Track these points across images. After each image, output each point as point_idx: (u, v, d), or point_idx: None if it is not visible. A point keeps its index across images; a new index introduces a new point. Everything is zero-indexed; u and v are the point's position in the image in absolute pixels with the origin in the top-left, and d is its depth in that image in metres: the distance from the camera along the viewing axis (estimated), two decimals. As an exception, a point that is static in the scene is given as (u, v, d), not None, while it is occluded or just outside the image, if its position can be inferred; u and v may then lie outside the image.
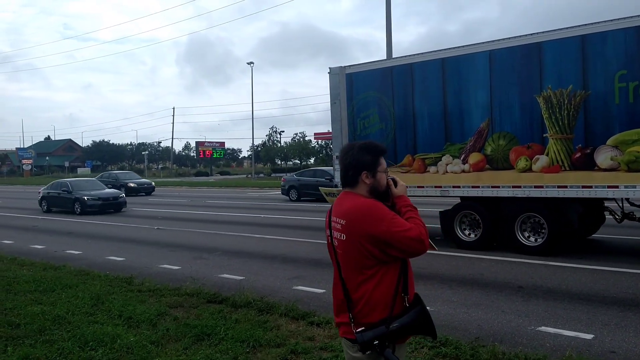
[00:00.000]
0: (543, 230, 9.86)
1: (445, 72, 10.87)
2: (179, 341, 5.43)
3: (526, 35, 9.96)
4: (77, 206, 21.41)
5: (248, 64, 58.18)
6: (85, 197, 21.32)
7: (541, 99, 9.61)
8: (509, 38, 10.16)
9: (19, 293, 7.52)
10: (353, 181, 2.71)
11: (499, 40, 10.31)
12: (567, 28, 9.49)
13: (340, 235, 2.66)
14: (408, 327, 2.57)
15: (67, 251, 11.93)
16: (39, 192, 23.68)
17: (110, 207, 21.78)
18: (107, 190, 23.39)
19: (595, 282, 7.74)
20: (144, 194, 33.13)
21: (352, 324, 2.60)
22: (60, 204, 22.40)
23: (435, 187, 11.09)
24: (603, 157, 8.99)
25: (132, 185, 32.81)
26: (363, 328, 2.55)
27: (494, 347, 4.96)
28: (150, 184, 35.01)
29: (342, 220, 2.65)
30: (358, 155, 2.69)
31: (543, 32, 9.77)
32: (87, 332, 5.63)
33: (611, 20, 9.02)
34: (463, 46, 10.80)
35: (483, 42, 10.53)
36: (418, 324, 2.58)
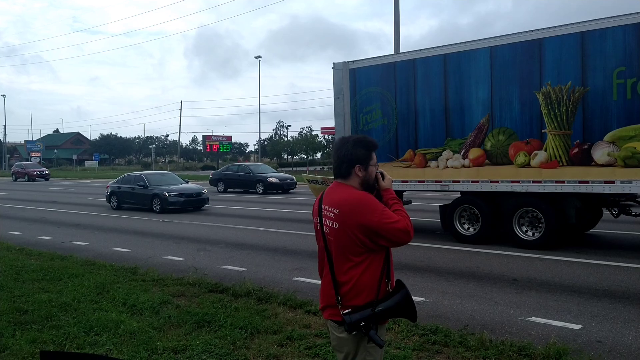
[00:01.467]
0: (541, 225, 10.00)
1: (446, 68, 11.00)
2: (180, 327, 5.65)
3: (527, 31, 10.07)
4: (155, 203, 18.91)
5: (256, 57, 58.42)
6: (166, 193, 18.76)
7: (540, 95, 9.73)
8: (510, 34, 10.28)
9: (27, 281, 7.77)
10: (346, 173, 2.86)
11: (500, 36, 10.43)
12: (567, 25, 9.60)
13: (333, 224, 2.80)
14: (392, 310, 2.76)
15: (74, 242, 12.19)
16: (107, 187, 21.16)
17: (192, 204, 19.22)
18: (188, 185, 20.87)
19: (589, 275, 7.89)
20: (281, 191, 26.49)
21: (340, 307, 2.77)
22: (134, 200, 19.83)
23: (436, 181, 11.24)
24: (600, 152, 9.11)
25: (273, 180, 26.38)
26: (350, 310, 2.72)
27: (482, 335, 5.14)
28: (292, 179, 27.57)
29: (335, 210, 2.79)
30: (353, 149, 2.85)
31: (543, 29, 9.88)
32: (92, 318, 5.86)
33: (610, 17, 9.11)
34: (465, 42, 10.92)
35: (484, 39, 10.65)
36: (401, 308, 2.77)
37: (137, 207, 19.76)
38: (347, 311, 2.72)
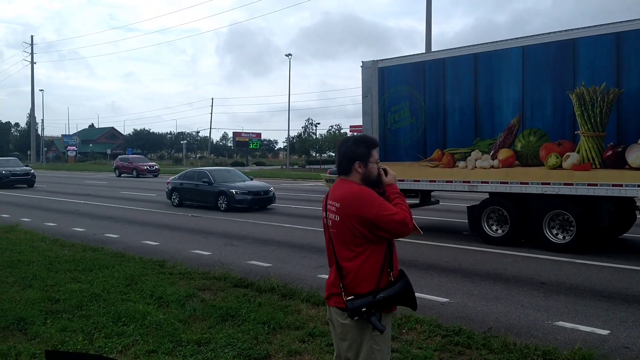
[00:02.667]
0: (572, 228, 9.80)
1: (477, 67, 10.88)
2: (204, 321, 5.74)
3: (560, 31, 9.89)
4: (221, 201, 17.94)
5: (286, 55, 58.64)
6: (233, 191, 17.81)
7: (574, 95, 9.54)
8: (543, 34, 10.11)
9: (59, 271, 8.00)
10: (347, 170, 3.04)
11: (532, 36, 10.27)
12: (602, 25, 9.39)
13: (335, 217, 2.99)
14: (392, 298, 2.89)
15: (106, 234, 12.47)
16: (168, 183, 20.26)
17: (259, 202, 18.11)
18: (254, 182, 19.87)
19: (620, 280, 7.71)
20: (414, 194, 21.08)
21: (343, 294, 2.92)
22: (198, 197, 18.91)
23: (464, 182, 11.13)
24: (634, 155, 8.89)
25: None
26: (352, 297, 2.87)
27: (506, 337, 5.09)
28: None
29: (337, 204, 2.98)
30: (352, 147, 3.03)
31: (578, 29, 9.68)
32: (121, 309, 6.00)
33: (647, 17, 8.88)
34: (496, 42, 10.78)
35: (516, 38, 10.49)
36: (401, 296, 2.90)
37: (200, 205, 18.87)
38: (350, 298, 2.88)
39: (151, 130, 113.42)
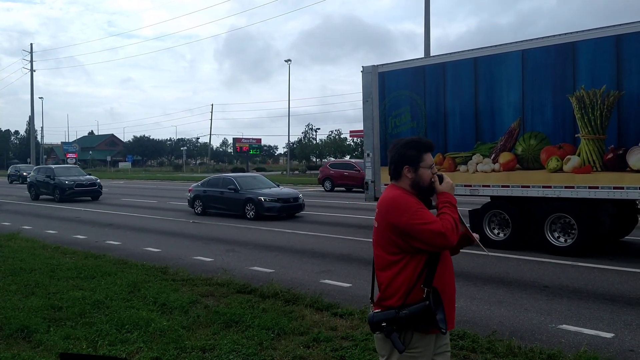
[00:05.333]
0: (573, 231, 9.80)
1: (477, 71, 10.90)
2: (208, 327, 5.74)
3: (560, 34, 9.91)
4: (249, 209, 17.11)
5: (286, 61, 58.72)
6: (262, 198, 16.97)
7: (574, 99, 9.55)
8: (543, 37, 10.14)
9: (61, 279, 7.99)
10: (397, 174, 2.87)
11: (532, 39, 10.29)
12: (601, 28, 9.42)
13: (375, 223, 2.88)
14: (415, 317, 2.65)
15: (107, 241, 12.46)
16: (189, 190, 19.38)
17: (288, 210, 17.26)
18: (282, 189, 19.12)
19: (623, 283, 7.71)
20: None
21: (373, 305, 2.84)
22: (223, 205, 17.99)
23: (465, 186, 11.12)
24: (635, 158, 8.89)
25: None
26: (379, 310, 2.74)
27: (511, 341, 5.08)
28: None
29: (377, 209, 2.88)
30: (402, 150, 2.85)
31: (577, 32, 9.71)
32: (124, 316, 5.99)
33: (646, 19, 8.90)
34: (496, 46, 10.81)
35: (516, 42, 10.52)
36: (420, 317, 2.65)
37: (225, 213, 17.97)
38: (376, 310, 2.74)
39: (151, 137, 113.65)
